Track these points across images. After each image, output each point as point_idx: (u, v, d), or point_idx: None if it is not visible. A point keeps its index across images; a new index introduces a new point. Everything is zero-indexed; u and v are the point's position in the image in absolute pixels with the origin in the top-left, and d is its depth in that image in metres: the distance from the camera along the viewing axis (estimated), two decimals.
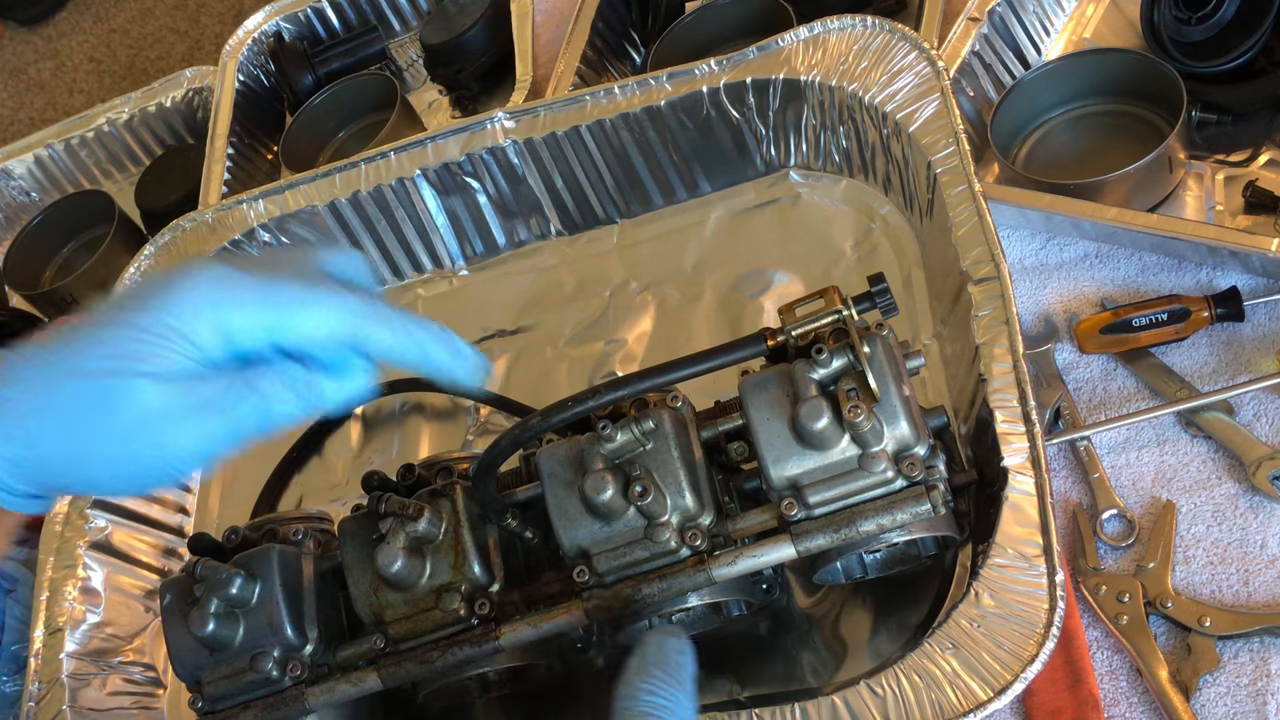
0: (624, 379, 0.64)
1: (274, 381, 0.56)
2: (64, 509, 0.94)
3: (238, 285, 0.56)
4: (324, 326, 0.57)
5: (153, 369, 0.54)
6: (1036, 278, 0.91)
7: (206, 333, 0.55)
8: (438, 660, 0.70)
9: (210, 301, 0.55)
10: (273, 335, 0.56)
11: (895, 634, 0.74)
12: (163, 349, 0.54)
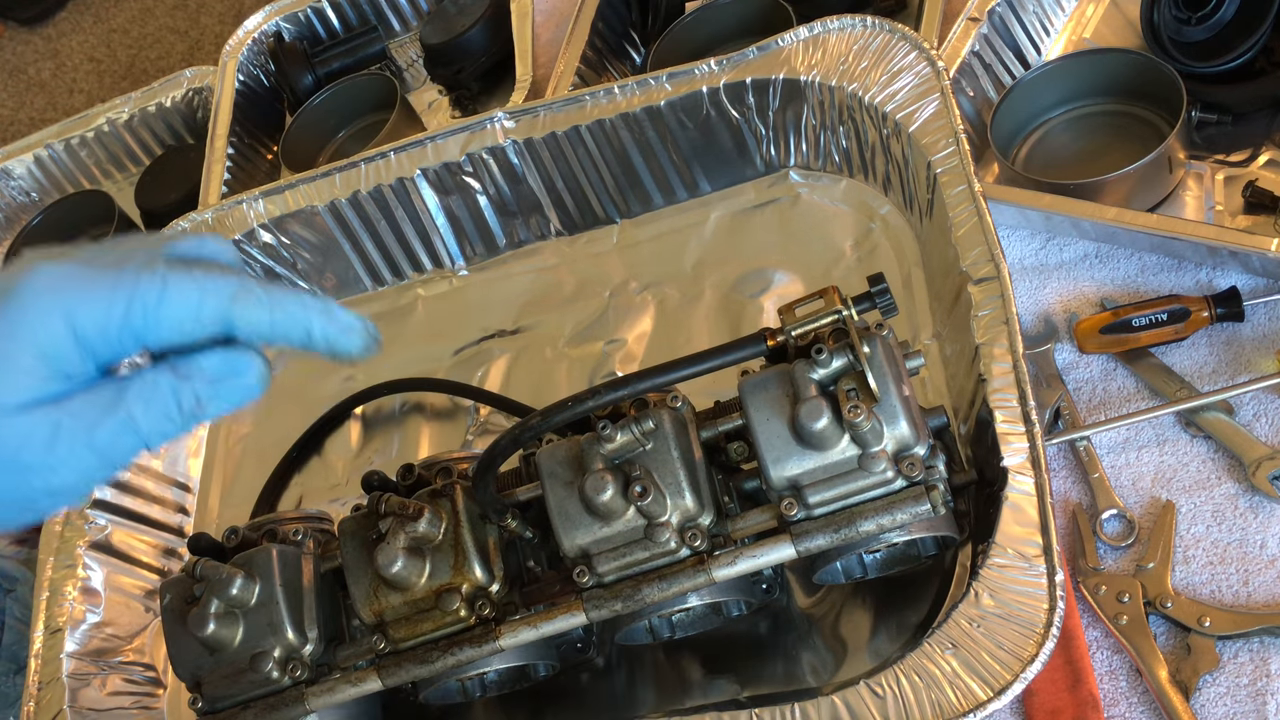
0: (624, 379, 0.64)
1: (141, 397, 0.51)
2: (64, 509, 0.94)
3: (84, 283, 0.50)
4: (190, 315, 0.51)
5: (7, 401, 0.48)
6: (1036, 278, 0.91)
7: (58, 345, 0.49)
8: (438, 660, 0.70)
9: (56, 307, 0.49)
10: (135, 334, 0.50)
11: (895, 634, 0.74)
12: (9, 378, 0.48)
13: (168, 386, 0.52)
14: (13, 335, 0.49)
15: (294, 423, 1.03)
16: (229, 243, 0.57)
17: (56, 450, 0.50)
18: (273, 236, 1.06)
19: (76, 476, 0.51)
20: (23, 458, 0.49)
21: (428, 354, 1.03)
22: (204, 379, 0.52)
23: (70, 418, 0.50)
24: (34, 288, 0.49)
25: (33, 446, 0.49)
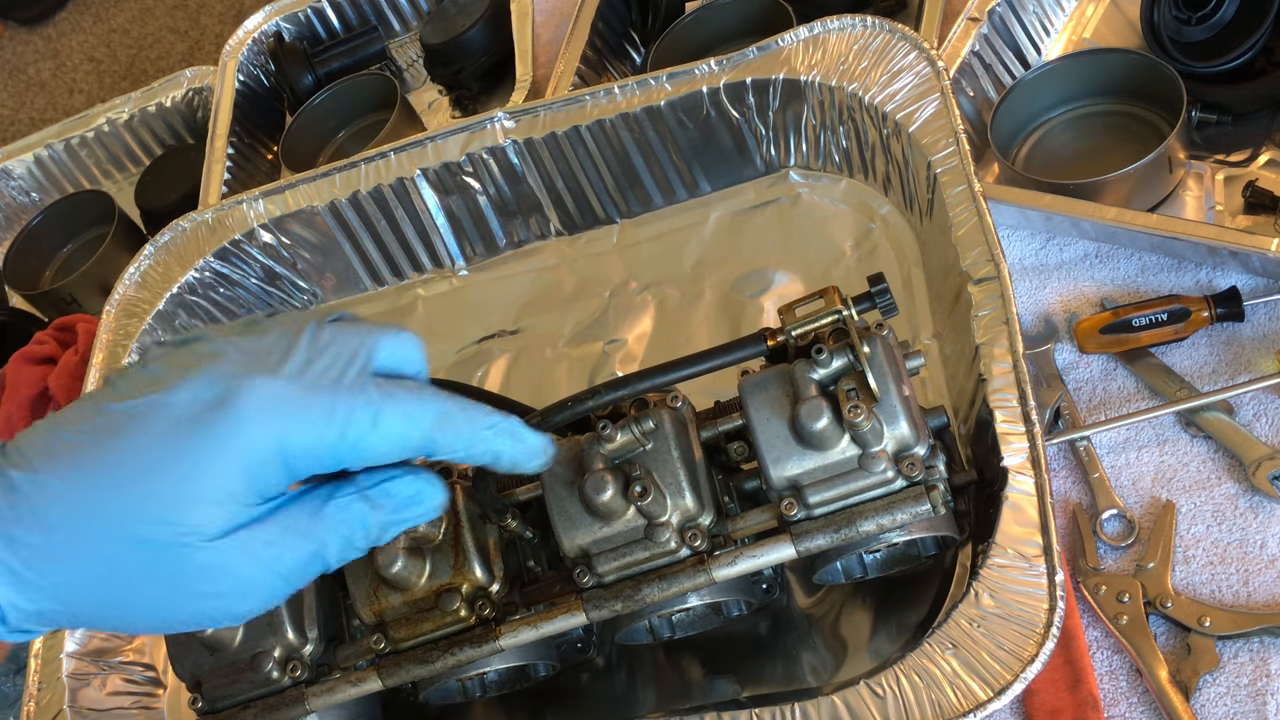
0: (624, 379, 0.64)
1: (335, 528, 0.51)
2: None
3: (299, 407, 0.48)
4: (395, 446, 0.51)
5: (209, 530, 0.47)
6: (1036, 278, 0.91)
7: (268, 470, 0.48)
8: (438, 660, 0.70)
9: (272, 433, 0.48)
10: (338, 459, 0.50)
11: (895, 634, 0.74)
12: (217, 505, 0.47)
13: (360, 515, 0.52)
14: (223, 456, 0.47)
15: None
16: (419, 344, 0.57)
17: (247, 578, 0.49)
18: (273, 236, 1.06)
19: (259, 602, 0.50)
20: (214, 585, 0.48)
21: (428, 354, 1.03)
22: (393, 506, 0.53)
23: (266, 547, 0.49)
24: (248, 409, 0.48)
25: (224, 575, 0.48)
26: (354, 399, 0.50)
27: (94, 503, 0.47)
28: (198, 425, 0.47)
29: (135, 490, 0.47)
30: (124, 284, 1.06)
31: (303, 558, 0.50)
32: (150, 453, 0.47)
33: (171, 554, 0.47)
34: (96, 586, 0.47)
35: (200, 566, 0.47)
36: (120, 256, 1.26)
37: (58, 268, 1.42)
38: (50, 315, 1.30)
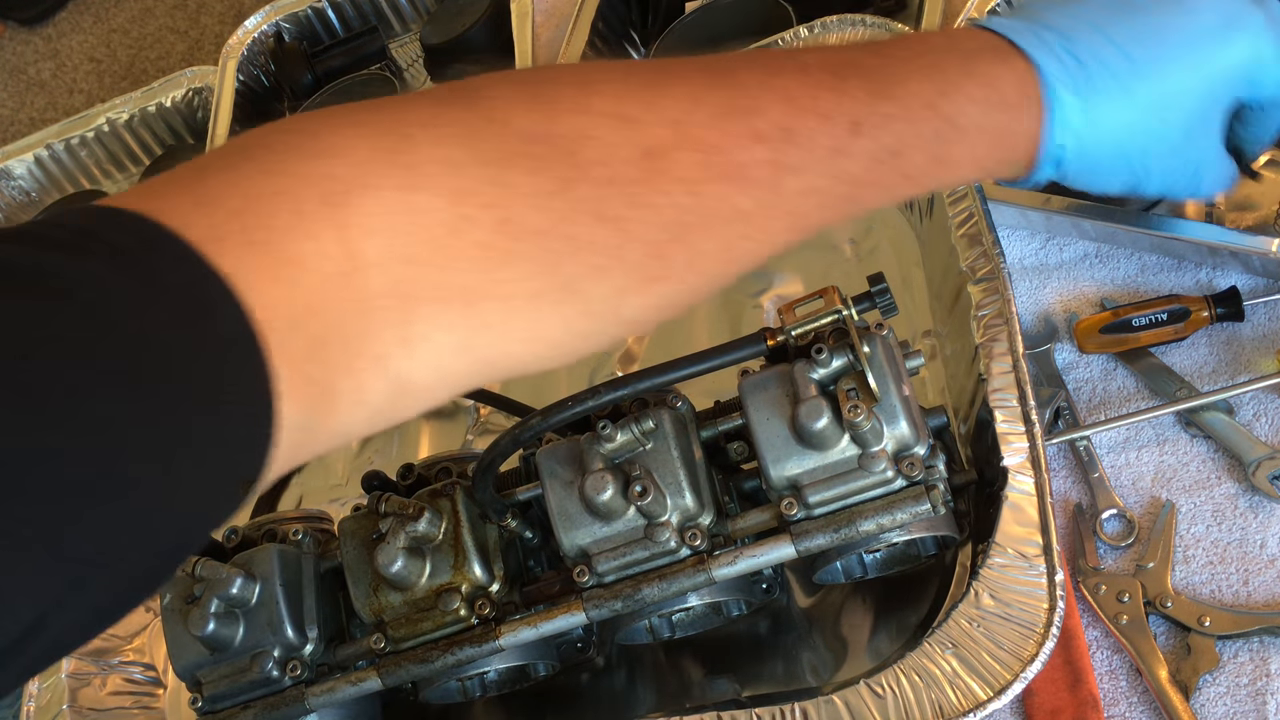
0: (624, 379, 0.64)
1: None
2: None
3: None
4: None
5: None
6: (1036, 277, 0.91)
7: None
8: (438, 660, 0.70)
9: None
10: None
11: (895, 634, 0.74)
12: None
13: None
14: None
15: None
16: None
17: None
18: None
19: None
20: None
21: None
22: None
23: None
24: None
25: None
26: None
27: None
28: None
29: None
30: None
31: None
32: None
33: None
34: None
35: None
36: None
37: None
38: None
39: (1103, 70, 0.57)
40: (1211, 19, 0.58)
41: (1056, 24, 0.57)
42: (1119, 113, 0.57)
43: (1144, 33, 0.57)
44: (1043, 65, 0.56)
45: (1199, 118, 0.60)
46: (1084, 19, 0.57)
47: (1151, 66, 0.57)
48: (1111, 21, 0.57)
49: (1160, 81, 0.57)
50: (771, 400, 0.66)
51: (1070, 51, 0.56)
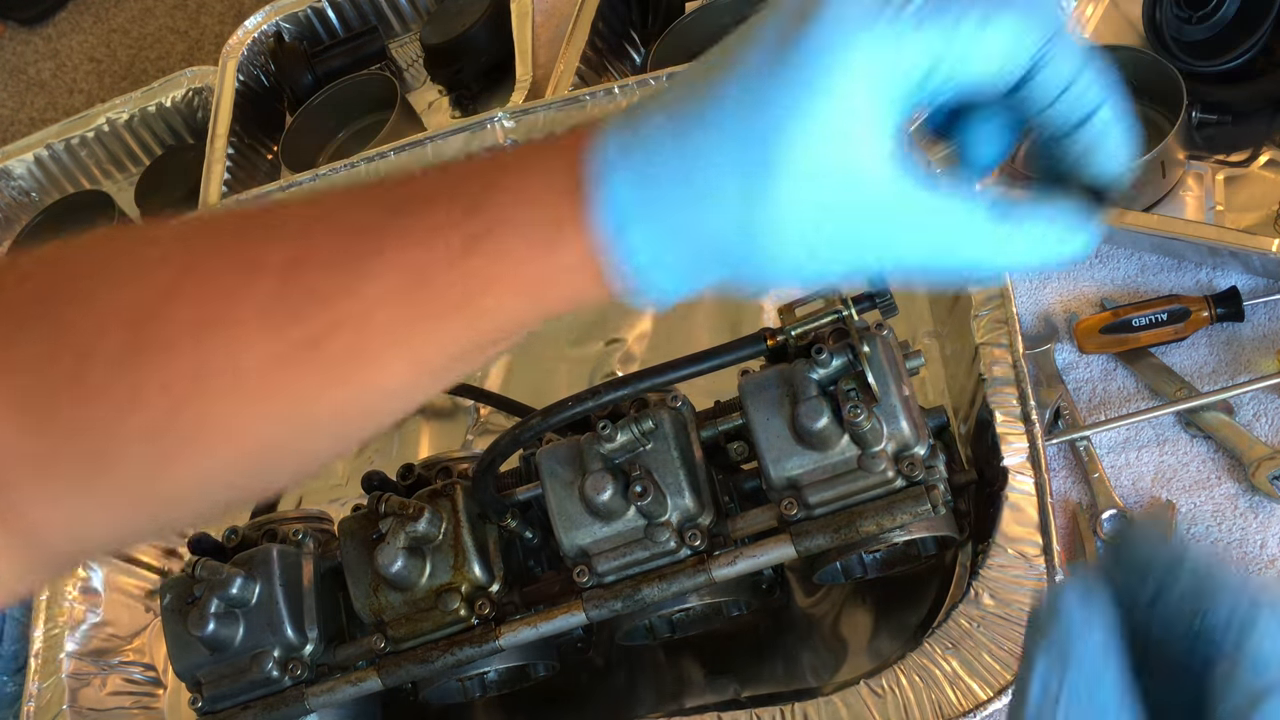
0: (624, 379, 0.64)
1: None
2: None
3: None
4: (998, 63, 0.40)
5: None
6: (1036, 277, 0.91)
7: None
8: (438, 660, 0.70)
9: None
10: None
11: (895, 634, 0.74)
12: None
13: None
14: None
15: None
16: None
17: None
18: None
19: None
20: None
21: None
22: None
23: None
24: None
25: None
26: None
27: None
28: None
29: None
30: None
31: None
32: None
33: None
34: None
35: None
36: None
37: None
38: None
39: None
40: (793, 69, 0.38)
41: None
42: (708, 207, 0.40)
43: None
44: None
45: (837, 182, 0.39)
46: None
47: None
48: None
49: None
50: (771, 400, 0.66)
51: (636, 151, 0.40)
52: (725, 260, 0.40)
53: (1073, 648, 0.37)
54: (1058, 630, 0.37)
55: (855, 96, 0.38)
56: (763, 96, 0.38)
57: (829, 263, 0.40)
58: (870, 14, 0.38)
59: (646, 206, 0.39)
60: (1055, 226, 0.42)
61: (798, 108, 0.38)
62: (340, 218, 0.42)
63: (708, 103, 0.39)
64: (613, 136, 0.40)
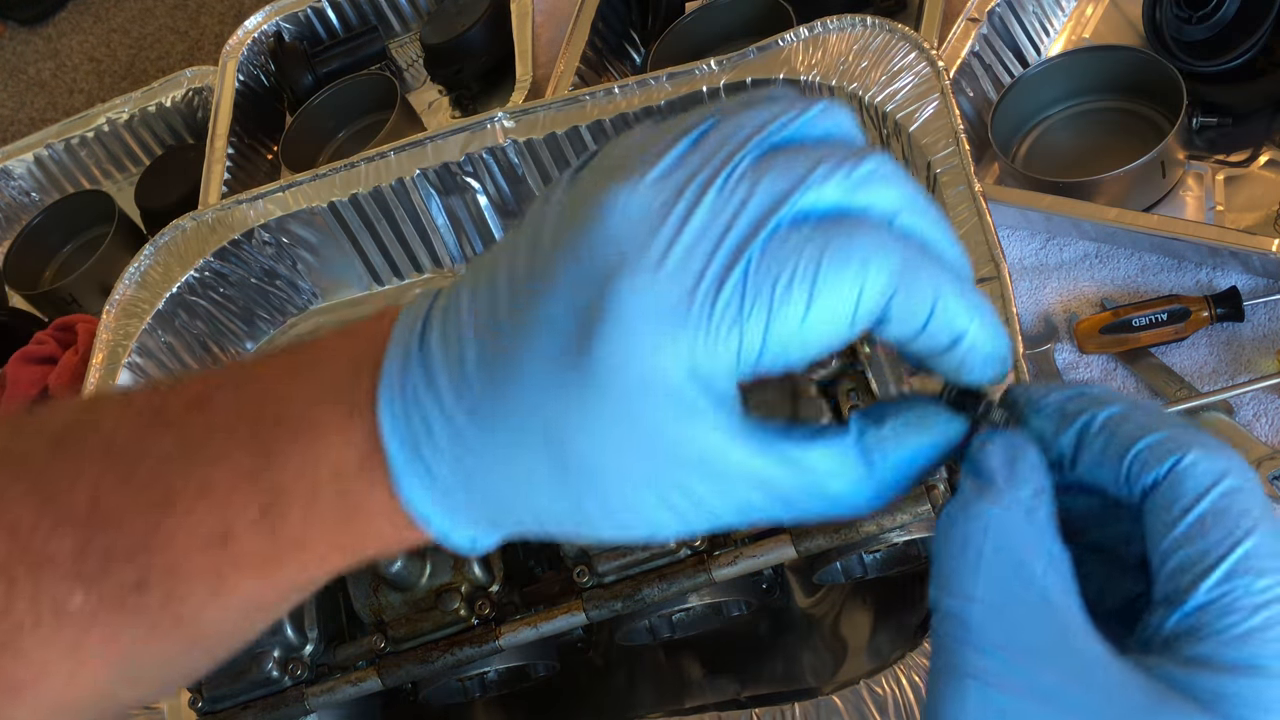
0: None
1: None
2: None
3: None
4: (831, 328, 0.34)
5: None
6: (1036, 278, 0.91)
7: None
8: (438, 660, 0.70)
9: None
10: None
11: (895, 634, 0.74)
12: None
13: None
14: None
15: None
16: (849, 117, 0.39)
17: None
18: (272, 236, 1.06)
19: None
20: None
21: None
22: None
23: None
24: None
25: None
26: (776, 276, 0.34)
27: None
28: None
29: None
30: (124, 284, 1.06)
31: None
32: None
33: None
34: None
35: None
36: (120, 256, 1.26)
37: (58, 268, 1.43)
38: (50, 315, 1.30)
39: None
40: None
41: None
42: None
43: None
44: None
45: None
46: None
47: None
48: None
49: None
50: (771, 400, 0.66)
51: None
52: (546, 524, 0.37)
53: (1000, 503, 0.35)
54: (985, 491, 0.36)
55: (664, 403, 0.34)
56: (563, 400, 0.34)
57: (664, 525, 0.36)
58: (672, 316, 0.33)
59: (441, 503, 0.37)
60: (928, 461, 0.38)
61: (601, 414, 0.34)
62: (138, 456, 0.39)
63: (503, 396, 0.35)
64: (391, 423, 0.36)
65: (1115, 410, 0.37)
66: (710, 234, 0.34)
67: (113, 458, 0.40)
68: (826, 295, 0.33)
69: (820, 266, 0.33)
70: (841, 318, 0.34)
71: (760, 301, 0.33)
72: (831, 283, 0.33)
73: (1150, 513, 0.36)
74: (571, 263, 0.34)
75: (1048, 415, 0.38)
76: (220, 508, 0.38)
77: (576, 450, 0.35)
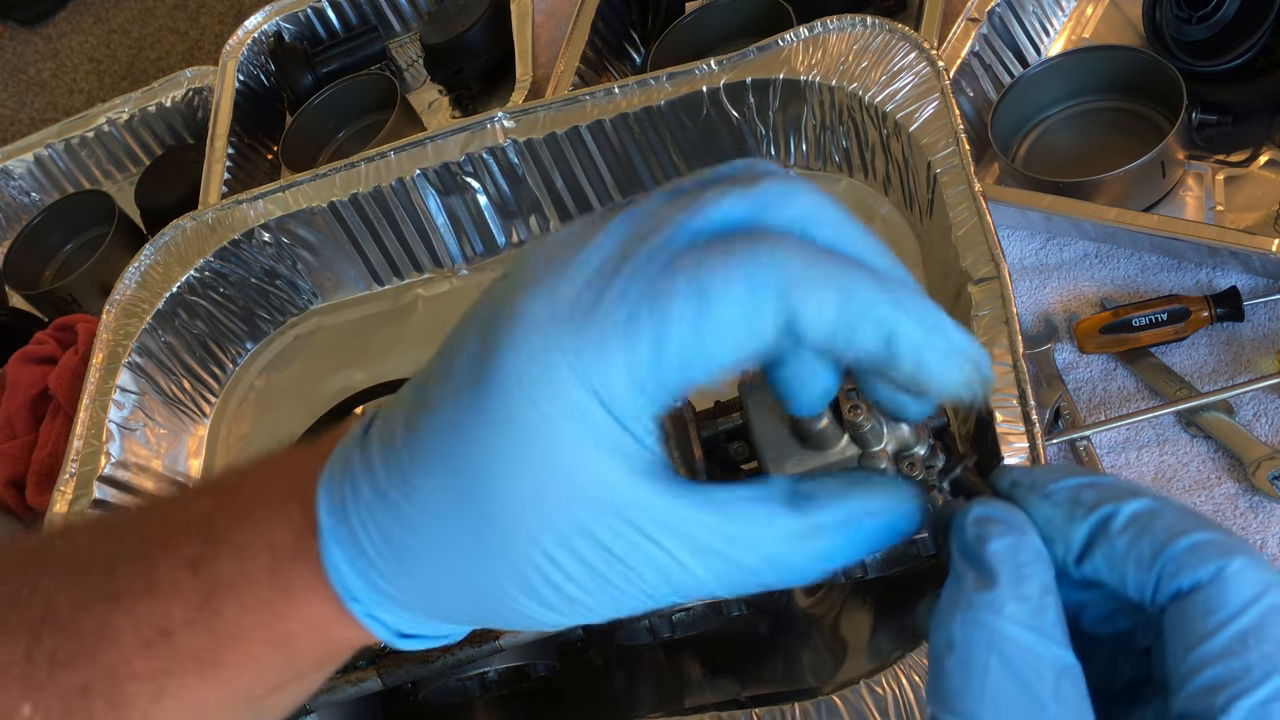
0: None
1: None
2: (64, 509, 0.94)
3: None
4: (739, 338, 0.35)
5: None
6: (1036, 278, 0.91)
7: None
8: (438, 660, 0.70)
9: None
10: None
11: (895, 634, 0.74)
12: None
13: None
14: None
15: (294, 422, 1.03)
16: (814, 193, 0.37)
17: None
18: (272, 236, 1.06)
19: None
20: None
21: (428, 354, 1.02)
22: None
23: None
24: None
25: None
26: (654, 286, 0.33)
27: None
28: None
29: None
30: (124, 284, 1.06)
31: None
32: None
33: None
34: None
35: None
36: (120, 256, 1.27)
37: (58, 268, 1.42)
38: (50, 315, 1.30)
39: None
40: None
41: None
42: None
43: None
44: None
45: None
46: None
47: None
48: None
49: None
50: (772, 400, 0.66)
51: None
52: (483, 618, 0.37)
53: (1005, 610, 0.33)
54: (986, 588, 0.33)
55: (563, 425, 0.33)
56: (467, 435, 0.34)
57: (586, 596, 0.35)
58: (563, 322, 0.33)
59: (366, 575, 0.36)
60: (870, 516, 0.37)
61: (503, 445, 0.33)
62: (94, 559, 0.40)
63: (419, 451, 0.35)
64: (326, 499, 0.36)
65: (1142, 505, 0.34)
66: (604, 251, 0.33)
67: (71, 564, 0.40)
68: (718, 302, 0.33)
69: (708, 272, 0.32)
70: (740, 325, 0.33)
71: (647, 307, 0.32)
72: (720, 289, 0.32)
73: (1180, 619, 0.33)
74: (483, 306, 0.35)
75: (1058, 503, 0.36)
76: (162, 602, 0.38)
77: (486, 496, 0.33)
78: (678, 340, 0.33)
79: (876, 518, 0.36)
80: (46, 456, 1.07)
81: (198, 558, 0.38)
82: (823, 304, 0.34)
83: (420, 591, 0.36)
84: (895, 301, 0.34)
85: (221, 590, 0.37)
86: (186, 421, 1.06)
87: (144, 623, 0.37)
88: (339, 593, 0.36)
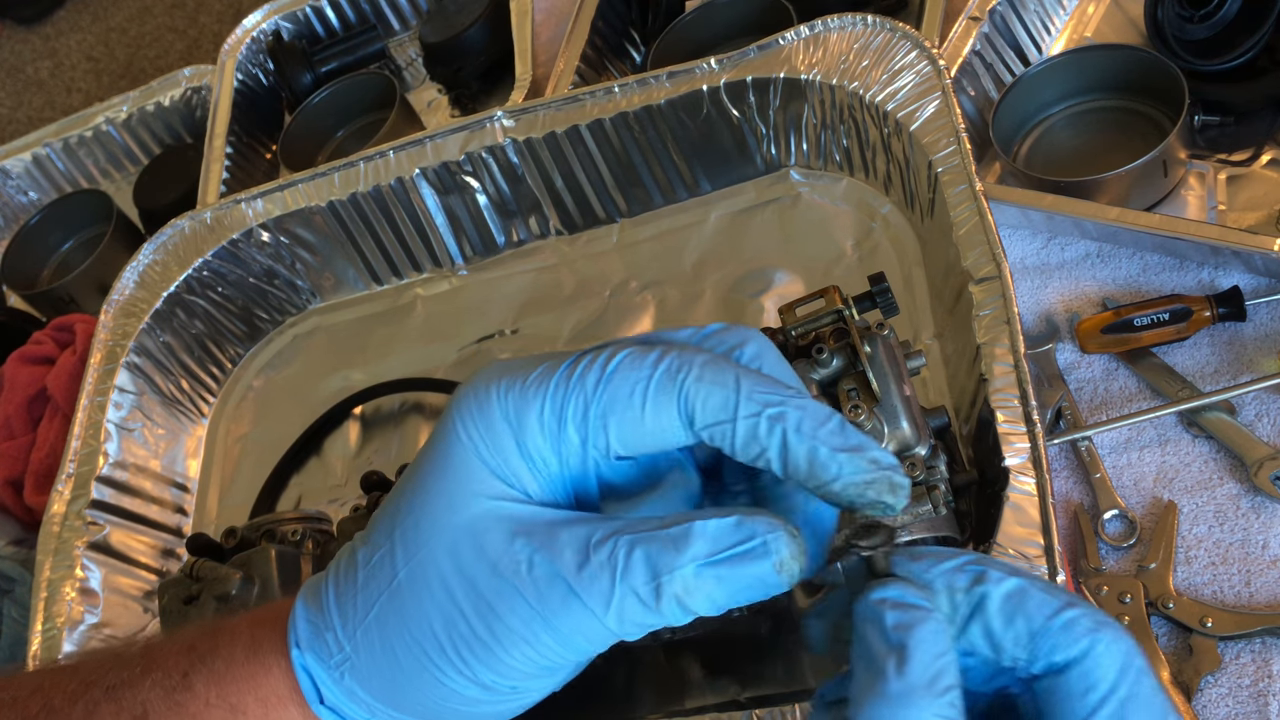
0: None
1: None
2: (61, 509, 0.94)
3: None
4: (657, 431, 0.41)
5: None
6: (1038, 277, 0.91)
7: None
8: None
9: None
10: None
11: None
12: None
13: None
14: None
15: (293, 423, 1.02)
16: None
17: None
18: (272, 236, 1.06)
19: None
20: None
21: (428, 354, 1.03)
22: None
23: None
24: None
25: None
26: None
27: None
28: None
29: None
30: (122, 283, 1.06)
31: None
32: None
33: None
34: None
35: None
36: (118, 256, 1.26)
37: (56, 267, 1.42)
38: (48, 315, 1.30)
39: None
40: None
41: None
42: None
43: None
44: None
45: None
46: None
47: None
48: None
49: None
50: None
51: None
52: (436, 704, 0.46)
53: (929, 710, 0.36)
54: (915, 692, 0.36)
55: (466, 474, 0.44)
56: (408, 506, 0.45)
57: (536, 688, 0.49)
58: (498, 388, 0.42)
59: (324, 641, 0.45)
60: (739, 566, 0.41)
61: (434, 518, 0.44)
62: (82, 689, 0.46)
63: (374, 545, 0.45)
64: (303, 635, 0.46)
65: (1013, 585, 0.39)
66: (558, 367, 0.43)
67: (72, 667, 0.47)
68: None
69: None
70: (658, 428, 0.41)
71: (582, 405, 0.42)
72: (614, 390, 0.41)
73: (1060, 694, 0.37)
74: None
75: (937, 590, 0.39)
76: (145, 691, 0.45)
77: (414, 567, 0.43)
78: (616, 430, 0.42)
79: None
80: (44, 457, 1.06)
81: (189, 668, 0.45)
82: (712, 401, 0.40)
83: (391, 688, 0.45)
84: (786, 397, 0.39)
85: (201, 668, 0.45)
86: (185, 422, 1.06)
87: (125, 708, 0.44)
88: (294, 663, 0.45)
